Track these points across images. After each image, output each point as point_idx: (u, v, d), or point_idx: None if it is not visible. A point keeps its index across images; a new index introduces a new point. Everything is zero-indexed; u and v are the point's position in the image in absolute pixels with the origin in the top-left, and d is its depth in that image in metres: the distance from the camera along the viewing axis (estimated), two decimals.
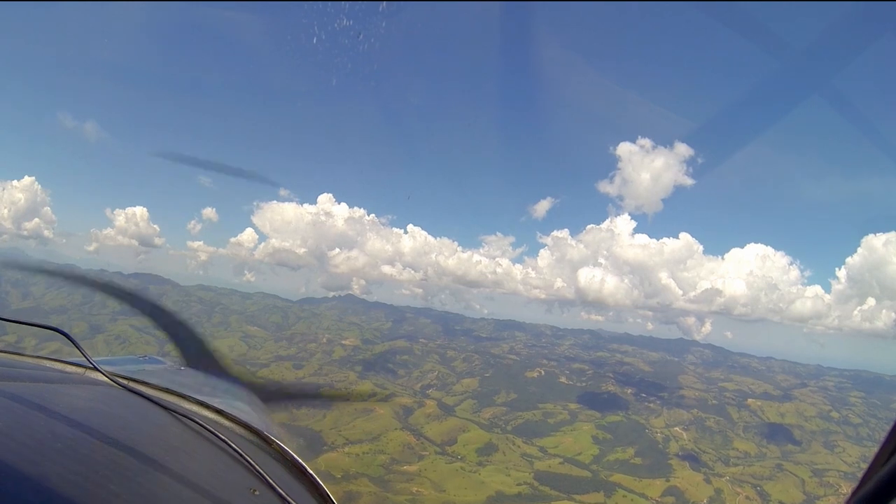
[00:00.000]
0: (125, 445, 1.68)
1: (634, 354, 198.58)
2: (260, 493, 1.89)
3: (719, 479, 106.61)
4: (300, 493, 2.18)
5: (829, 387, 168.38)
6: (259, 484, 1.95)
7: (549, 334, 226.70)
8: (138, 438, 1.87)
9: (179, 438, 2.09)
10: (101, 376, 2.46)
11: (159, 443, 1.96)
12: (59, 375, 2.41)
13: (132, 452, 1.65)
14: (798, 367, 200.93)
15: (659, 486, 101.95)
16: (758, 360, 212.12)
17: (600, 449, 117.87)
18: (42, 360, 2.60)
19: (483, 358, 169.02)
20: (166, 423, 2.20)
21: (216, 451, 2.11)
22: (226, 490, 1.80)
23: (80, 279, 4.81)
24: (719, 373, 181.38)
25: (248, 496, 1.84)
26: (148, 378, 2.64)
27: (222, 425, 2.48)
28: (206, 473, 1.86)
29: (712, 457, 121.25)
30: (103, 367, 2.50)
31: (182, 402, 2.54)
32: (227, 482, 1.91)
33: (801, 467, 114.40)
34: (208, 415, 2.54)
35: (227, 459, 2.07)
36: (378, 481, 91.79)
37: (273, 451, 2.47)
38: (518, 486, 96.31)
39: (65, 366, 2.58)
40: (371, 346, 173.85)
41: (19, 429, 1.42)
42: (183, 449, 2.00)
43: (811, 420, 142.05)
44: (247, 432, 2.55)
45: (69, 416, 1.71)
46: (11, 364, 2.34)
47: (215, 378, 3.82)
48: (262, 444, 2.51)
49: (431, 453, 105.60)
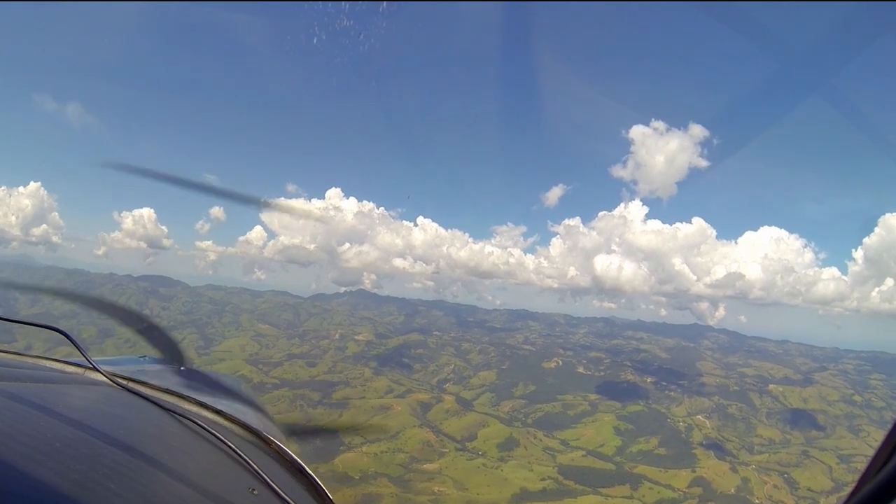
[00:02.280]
0: (125, 445, 1.69)
1: (650, 341, 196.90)
2: (259, 493, 1.90)
3: (745, 468, 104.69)
4: (299, 493, 2.19)
5: (849, 370, 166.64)
6: (258, 484, 1.97)
7: (562, 323, 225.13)
8: (138, 438, 1.88)
9: (179, 438, 2.10)
10: (101, 376, 2.47)
11: (159, 443, 1.97)
12: (59, 375, 2.44)
13: (132, 452, 1.66)
14: (815, 350, 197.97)
15: (685, 477, 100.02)
16: (774, 343, 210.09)
17: (623, 440, 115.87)
18: (42, 360, 2.61)
19: (498, 349, 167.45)
20: (166, 423, 2.22)
21: (215, 452, 2.12)
22: (225, 490, 1.82)
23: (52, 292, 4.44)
24: (737, 358, 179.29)
25: (248, 496, 1.86)
26: (147, 378, 2.65)
27: (222, 425, 2.50)
28: (205, 473, 1.88)
29: (736, 445, 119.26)
30: (103, 367, 2.52)
31: (181, 402, 2.56)
32: (226, 482, 1.93)
33: (826, 453, 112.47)
34: (208, 415, 2.56)
35: (226, 459, 2.09)
36: (398, 481, 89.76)
37: (272, 452, 2.48)
38: (542, 481, 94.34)
39: (64, 366, 2.60)
40: (385, 340, 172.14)
41: (19, 429, 1.43)
42: (182, 449, 2.02)
43: (834, 404, 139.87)
44: (246, 432, 2.57)
45: (69, 417, 1.73)
46: (11, 364, 2.36)
47: (215, 378, 3.74)
48: (262, 445, 2.52)
49: (451, 450, 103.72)
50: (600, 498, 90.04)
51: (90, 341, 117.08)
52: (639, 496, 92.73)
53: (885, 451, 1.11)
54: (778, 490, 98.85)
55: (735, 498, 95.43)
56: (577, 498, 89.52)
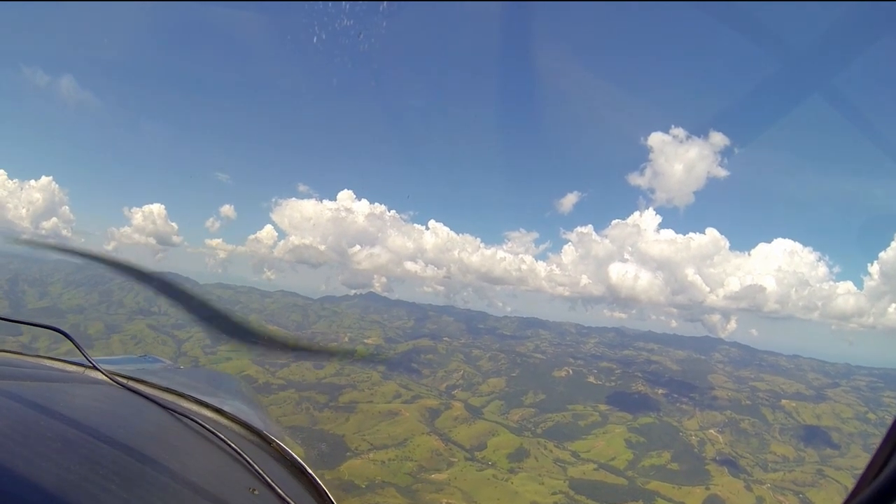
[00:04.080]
0: (125, 445, 1.70)
1: (661, 353, 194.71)
2: (259, 493, 1.91)
3: (760, 487, 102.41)
4: (299, 492, 2.19)
5: (862, 386, 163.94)
6: (258, 483, 1.98)
7: (573, 332, 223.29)
8: (138, 438, 1.89)
9: (179, 438, 2.11)
10: (101, 375, 2.49)
11: (159, 442, 1.98)
12: (59, 375, 2.45)
13: (132, 452, 1.67)
14: (826, 365, 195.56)
15: (699, 495, 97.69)
16: (785, 358, 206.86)
17: (634, 453, 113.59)
18: (42, 359, 2.63)
19: (509, 357, 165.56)
20: (166, 422, 2.22)
21: (215, 451, 2.13)
22: (225, 489, 1.82)
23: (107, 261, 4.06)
24: (749, 372, 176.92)
25: (248, 495, 1.86)
26: (147, 377, 2.67)
27: (222, 424, 2.51)
28: (205, 473, 1.88)
29: (750, 461, 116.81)
30: (103, 366, 2.53)
31: (181, 401, 2.58)
32: (226, 481, 1.93)
33: (842, 473, 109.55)
34: (208, 414, 2.57)
35: (226, 459, 2.09)
36: (405, 491, 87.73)
37: (272, 451, 2.49)
38: (553, 495, 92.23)
39: (65, 365, 2.62)
40: (394, 344, 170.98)
41: (19, 428, 1.44)
42: (182, 448, 2.03)
43: (848, 422, 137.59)
44: (246, 432, 2.59)
45: (69, 416, 1.74)
46: (12, 364, 2.38)
47: (215, 377, 3.74)
48: (262, 444, 2.54)
49: (461, 459, 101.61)
50: None
51: (97, 337, 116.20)
52: None
53: (885, 451, 1.11)
54: None
55: None
56: None
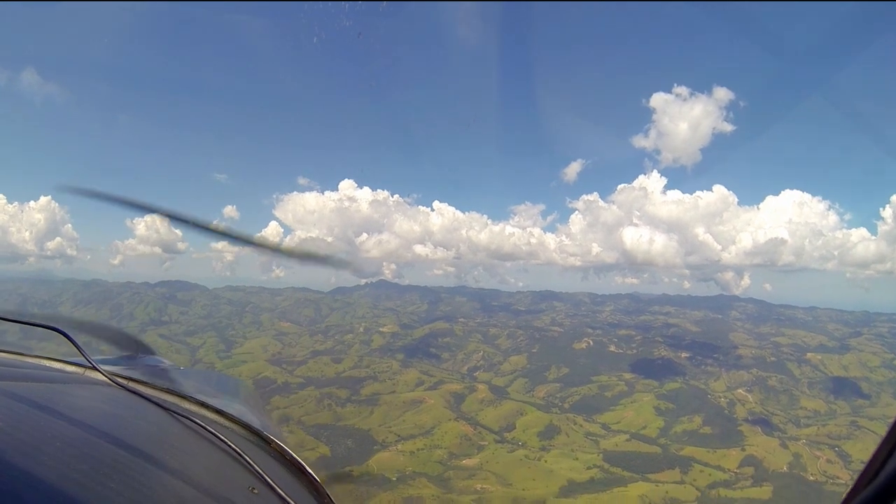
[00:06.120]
0: (125, 445, 1.70)
1: (678, 315, 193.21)
2: (259, 493, 1.91)
3: (795, 443, 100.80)
4: (299, 492, 2.21)
5: (884, 333, 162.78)
6: (258, 483, 1.98)
7: (587, 302, 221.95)
8: (138, 438, 1.89)
9: (179, 438, 2.11)
10: (101, 376, 2.48)
11: (159, 442, 1.98)
12: (59, 375, 2.45)
13: (132, 452, 1.67)
14: (845, 314, 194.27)
15: (735, 457, 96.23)
16: (803, 310, 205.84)
17: (665, 420, 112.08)
18: (42, 359, 2.63)
19: (527, 333, 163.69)
20: (166, 422, 2.22)
21: (216, 451, 2.13)
22: (225, 489, 1.82)
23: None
24: (768, 327, 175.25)
25: (248, 495, 1.87)
26: (148, 378, 2.67)
27: (222, 425, 2.51)
28: (205, 473, 1.89)
29: (782, 419, 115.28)
30: (103, 366, 2.53)
31: (182, 401, 2.58)
32: (226, 481, 1.94)
33: (876, 423, 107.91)
34: (208, 414, 2.57)
35: (226, 459, 2.10)
36: (437, 480, 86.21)
37: (272, 451, 2.50)
38: (588, 469, 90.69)
39: (65, 365, 2.62)
40: (410, 330, 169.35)
41: (20, 428, 1.44)
42: (182, 448, 2.03)
43: (876, 370, 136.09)
44: (246, 432, 2.59)
45: (69, 416, 1.74)
46: (11, 364, 2.38)
47: (216, 378, 3.72)
48: (262, 444, 2.54)
49: (490, 442, 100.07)
50: (651, 485, 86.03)
51: (110, 353, 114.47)
52: (690, 480, 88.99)
53: (884, 451, 1.10)
54: (832, 465, 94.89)
55: (789, 476, 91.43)
56: (627, 486, 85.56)
